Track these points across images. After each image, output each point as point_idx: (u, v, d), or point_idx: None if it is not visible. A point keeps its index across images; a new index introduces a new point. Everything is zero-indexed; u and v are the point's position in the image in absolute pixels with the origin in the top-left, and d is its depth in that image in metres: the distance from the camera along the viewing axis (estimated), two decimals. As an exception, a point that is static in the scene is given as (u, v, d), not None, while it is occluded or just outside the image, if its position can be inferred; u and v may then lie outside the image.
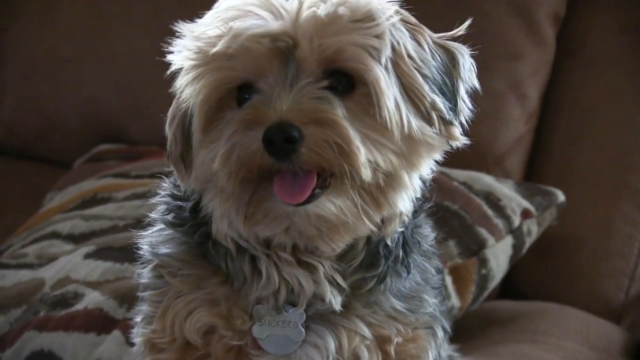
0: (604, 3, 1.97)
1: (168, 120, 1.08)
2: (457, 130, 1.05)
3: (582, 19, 1.97)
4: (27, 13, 2.19)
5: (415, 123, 1.01)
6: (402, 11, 1.06)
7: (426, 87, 1.02)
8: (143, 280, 1.14)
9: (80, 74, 2.13)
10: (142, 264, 1.14)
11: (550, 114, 1.96)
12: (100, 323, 1.48)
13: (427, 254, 1.13)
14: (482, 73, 1.91)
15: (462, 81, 1.06)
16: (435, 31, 1.95)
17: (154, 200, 1.15)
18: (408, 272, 1.09)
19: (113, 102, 2.11)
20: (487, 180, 1.76)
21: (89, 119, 2.13)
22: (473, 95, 1.97)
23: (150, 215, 1.14)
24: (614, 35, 1.95)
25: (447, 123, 1.04)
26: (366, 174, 0.99)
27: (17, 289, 1.59)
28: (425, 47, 1.04)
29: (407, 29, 1.04)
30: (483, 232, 1.68)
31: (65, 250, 1.67)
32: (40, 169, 2.17)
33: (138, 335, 1.13)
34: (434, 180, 1.13)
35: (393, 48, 1.01)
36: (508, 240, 1.70)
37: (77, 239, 1.70)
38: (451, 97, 1.04)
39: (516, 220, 1.71)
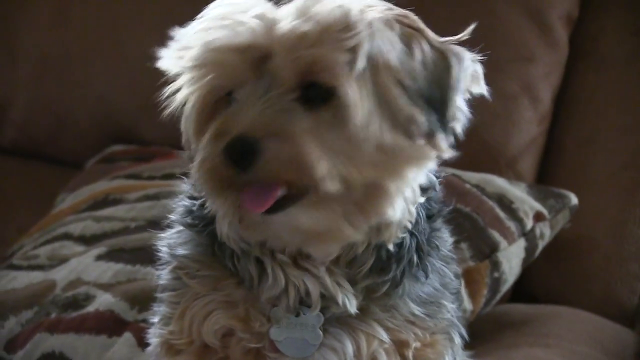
0: (618, 5, 1.96)
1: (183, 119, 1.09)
2: (443, 143, 1.01)
3: (595, 21, 1.96)
4: (38, 13, 2.19)
5: (390, 136, 0.98)
6: (401, 12, 1.03)
7: (404, 99, 0.99)
8: (162, 282, 1.13)
9: (92, 74, 2.13)
10: (160, 265, 1.14)
11: (562, 116, 1.95)
12: (111, 325, 1.47)
13: (446, 258, 1.12)
14: (494, 75, 1.89)
15: (456, 89, 1.01)
16: (446, 33, 1.96)
17: (173, 202, 1.15)
18: (426, 276, 1.08)
19: (125, 103, 2.11)
20: (499, 182, 1.75)
21: (100, 120, 2.13)
22: (485, 97, 1.98)
23: (169, 216, 1.14)
24: (627, 38, 1.94)
25: (431, 135, 1.00)
26: (331, 186, 0.97)
27: (28, 290, 1.59)
28: (417, 53, 1.00)
29: (400, 32, 1.00)
30: (495, 235, 1.66)
31: (76, 251, 1.67)
32: (52, 169, 2.16)
33: (155, 335, 1.13)
34: (446, 182, 1.12)
35: (372, 57, 0.98)
36: (520, 243, 1.69)
37: (88, 240, 1.70)
38: (440, 107, 1.00)
39: (529, 223, 1.70)
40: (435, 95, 1.00)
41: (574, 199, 1.76)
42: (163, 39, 1.26)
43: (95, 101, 2.13)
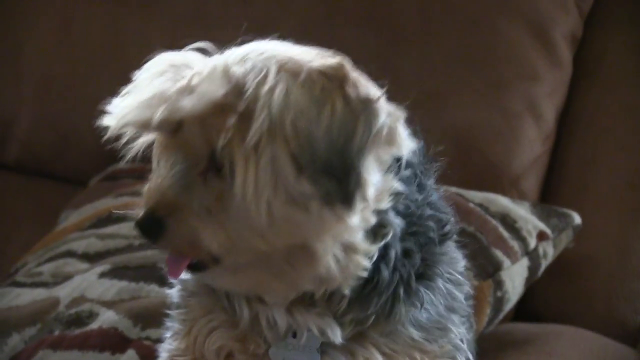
0: (622, 25, 1.95)
1: None
2: (347, 213, 0.96)
3: (599, 40, 1.96)
4: (43, 31, 2.18)
5: (286, 209, 0.95)
6: (328, 64, 0.97)
7: (299, 172, 0.94)
8: (173, 299, 1.15)
9: (97, 91, 2.01)
10: (171, 283, 1.16)
11: (566, 135, 1.94)
12: (115, 342, 1.47)
13: (456, 281, 1.11)
14: (498, 94, 1.92)
15: (360, 156, 0.95)
16: (451, 54, 1.95)
17: None
18: (421, 304, 1.07)
19: (130, 120, 2.10)
20: (503, 201, 1.74)
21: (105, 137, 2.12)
22: (488, 116, 1.96)
23: None
24: (632, 57, 1.94)
25: (332, 205, 0.96)
26: (237, 259, 0.98)
27: (32, 307, 1.58)
28: (325, 117, 0.94)
29: (319, 90, 0.95)
30: (499, 254, 1.66)
31: (80, 269, 1.66)
32: (56, 187, 2.15)
33: (164, 350, 1.14)
34: (450, 201, 1.12)
35: (269, 127, 0.93)
36: (524, 263, 1.68)
37: (92, 257, 1.69)
38: (341, 176, 0.95)
39: (532, 242, 1.69)
40: (337, 164, 0.94)
41: (577, 218, 1.76)
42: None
43: (100, 119, 2.12)
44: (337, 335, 1.05)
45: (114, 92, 2.13)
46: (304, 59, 0.98)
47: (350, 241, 0.99)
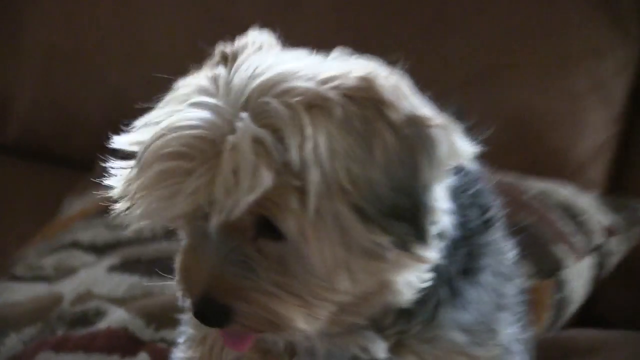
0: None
1: None
2: (421, 252, 0.92)
3: (675, 11, 1.90)
4: (47, 2, 2.15)
5: (358, 263, 0.90)
6: (358, 85, 0.89)
7: (365, 223, 0.88)
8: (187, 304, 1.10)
9: (106, 67, 2.08)
10: None
11: (637, 117, 1.86)
12: (124, 344, 1.43)
13: (504, 275, 1.05)
14: (559, 72, 1.81)
15: (429, 188, 0.90)
16: (508, 26, 1.87)
17: None
18: (466, 305, 1.01)
19: (141, 97, 2.05)
20: (565, 192, 1.66)
21: (114, 116, 2.07)
22: (548, 97, 1.88)
23: None
24: None
25: (406, 248, 0.91)
26: (312, 326, 0.93)
27: (32, 304, 1.55)
28: (378, 155, 0.88)
29: (361, 124, 0.88)
30: (560, 250, 1.57)
31: (86, 262, 1.63)
32: (59, 170, 2.12)
33: (177, 358, 1.11)
34: (503, 192, 1.06)
35: (325, 183, 0.87)
36: (589, 261, 1.60)
37: (100, 249, 1.66)
38: (411, 215, 0.90)
39: (598, 238, 1.61)
40: (404, 204, 0.89)
41: (650, 211, 1.71)
42: (182, 30, 1.18)
43: (109, 96, 2.07)
44: (381, 351, 1.00)
45: (124, 67, 2.07)
46: (325, 84, 0.90)
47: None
